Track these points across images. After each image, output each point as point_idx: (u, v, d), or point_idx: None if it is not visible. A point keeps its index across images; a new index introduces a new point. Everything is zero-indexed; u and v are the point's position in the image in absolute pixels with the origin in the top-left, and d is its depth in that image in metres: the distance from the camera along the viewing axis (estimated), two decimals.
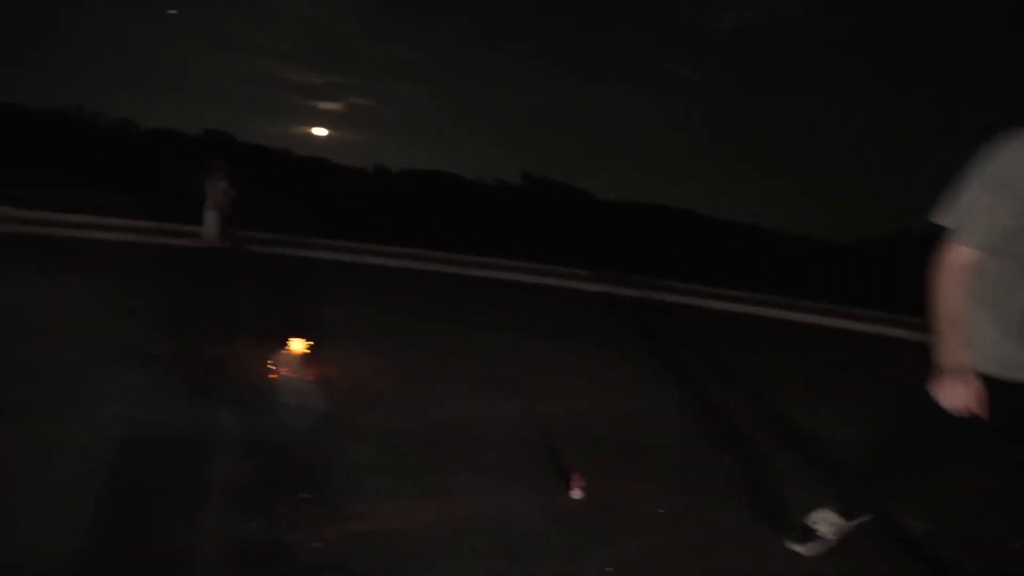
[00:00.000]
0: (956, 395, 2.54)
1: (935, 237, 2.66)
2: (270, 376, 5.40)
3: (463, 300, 11.80)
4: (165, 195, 21.19)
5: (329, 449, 4.09)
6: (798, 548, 3.33)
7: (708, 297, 15.70)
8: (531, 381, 6.16)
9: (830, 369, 9.54)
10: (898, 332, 12.95)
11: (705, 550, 3.34)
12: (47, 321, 6.42)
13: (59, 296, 7.75)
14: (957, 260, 2.59)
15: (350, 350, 6.43)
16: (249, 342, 6.30)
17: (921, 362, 2.70)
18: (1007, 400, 2.58)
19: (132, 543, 2.85)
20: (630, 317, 11.99)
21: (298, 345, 6.08)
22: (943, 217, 2.63)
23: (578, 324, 10.59)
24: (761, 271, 20.56)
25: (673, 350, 8.80)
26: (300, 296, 9.78)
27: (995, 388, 2.56)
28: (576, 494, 3.69)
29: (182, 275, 11.01)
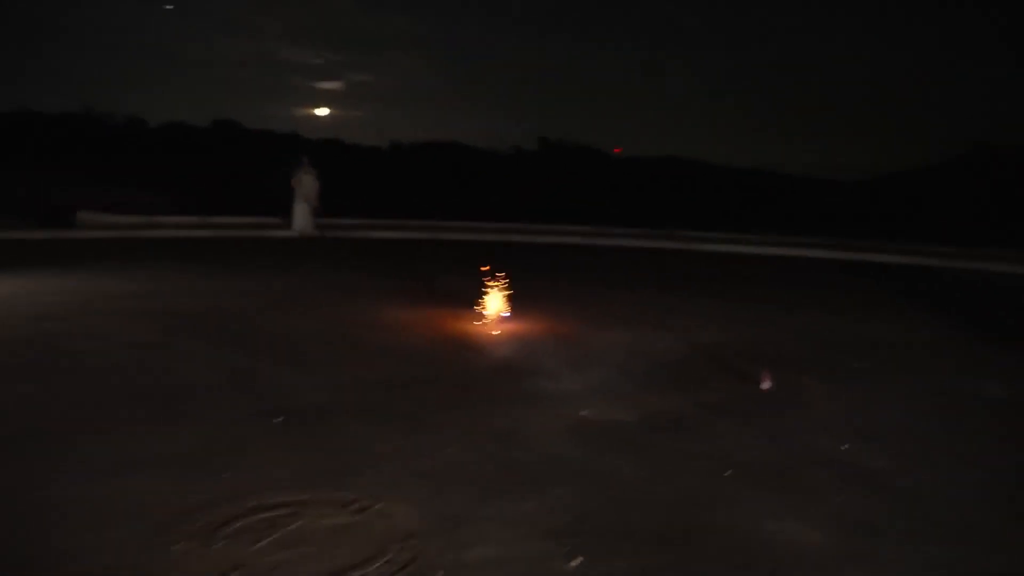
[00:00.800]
0: None
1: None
2: (475, 328, 6.94)
3: (569, 264, 13.25)
4: (197, 190, 22.44)
5: (552, 368, 5.60)
6: None
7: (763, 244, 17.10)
8: (673, 322, 7.67)
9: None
10: None
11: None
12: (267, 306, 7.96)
13: (241, 286, 9.25)
14: None
15: (522, 310, 7.89)
16: (427, 307, 7.83)
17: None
18: None
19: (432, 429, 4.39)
20: (725, 269, 13.47)
21: (477, 307, 7.50)
22: None
23: (667, 276, 12.05)
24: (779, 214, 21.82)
25: (774, 292, 10.30)
26: (426, 271, 11.20)
27: None
28: (766, 385, 5.24)
29: (307, 262, 12.38)
